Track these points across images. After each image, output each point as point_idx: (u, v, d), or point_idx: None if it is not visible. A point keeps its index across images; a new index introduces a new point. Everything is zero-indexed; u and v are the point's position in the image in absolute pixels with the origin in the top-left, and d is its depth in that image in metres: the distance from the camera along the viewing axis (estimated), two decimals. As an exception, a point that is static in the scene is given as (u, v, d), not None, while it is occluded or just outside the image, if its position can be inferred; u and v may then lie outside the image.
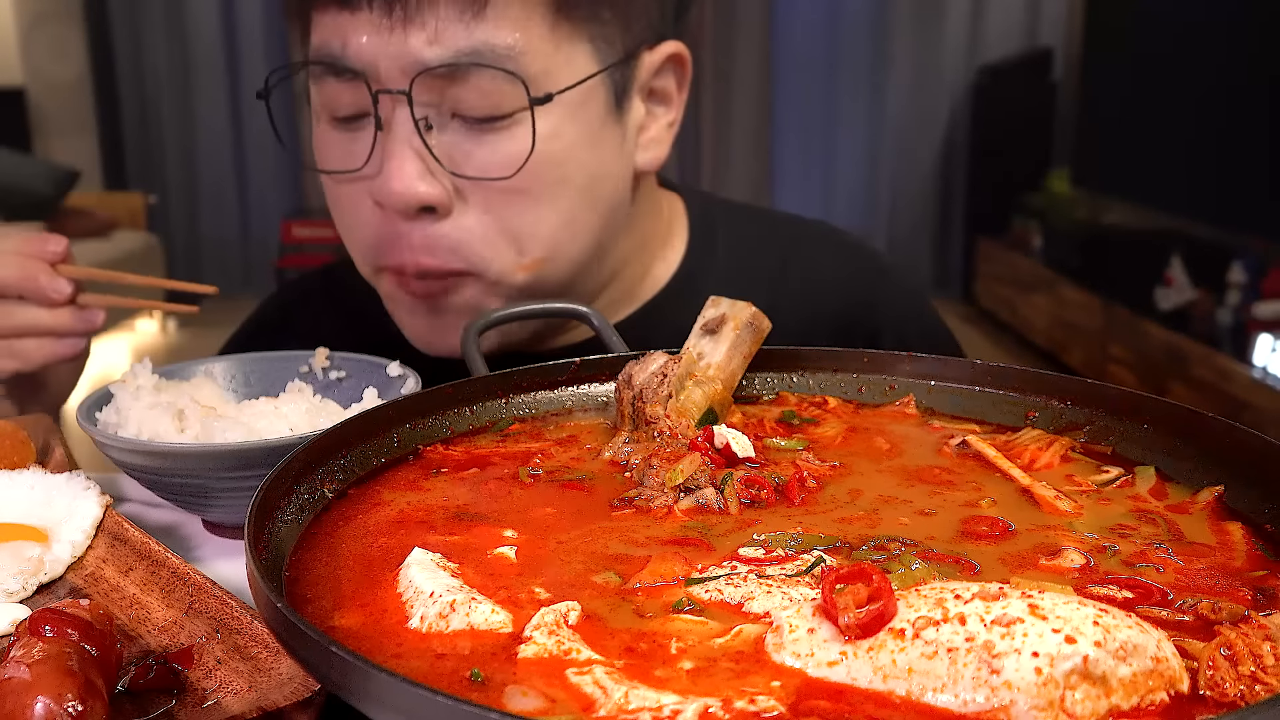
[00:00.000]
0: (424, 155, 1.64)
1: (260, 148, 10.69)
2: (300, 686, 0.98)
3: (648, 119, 1.83)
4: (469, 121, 1.64)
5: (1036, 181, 9.47)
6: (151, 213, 10.06)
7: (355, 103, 1.66)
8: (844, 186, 10.35)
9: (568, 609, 0.91)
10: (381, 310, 1.86)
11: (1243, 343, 6.24)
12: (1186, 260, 6.94)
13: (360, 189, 1.70)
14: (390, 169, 1.63)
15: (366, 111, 1.66)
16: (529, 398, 1.45)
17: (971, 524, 1.10)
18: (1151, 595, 0.94)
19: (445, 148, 1.65)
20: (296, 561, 1.04)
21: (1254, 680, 0.82)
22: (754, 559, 1.02)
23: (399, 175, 1.62)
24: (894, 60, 10.23)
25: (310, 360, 1.69)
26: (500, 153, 1.64)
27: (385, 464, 1.27)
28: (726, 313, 1.43)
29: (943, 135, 10.32)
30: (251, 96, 10.43)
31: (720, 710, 0.77)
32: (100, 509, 1.35)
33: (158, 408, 1.47)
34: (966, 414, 1.41)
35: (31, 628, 0.97)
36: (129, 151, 10.71)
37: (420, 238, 1.68)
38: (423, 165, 1.64)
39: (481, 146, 1.64)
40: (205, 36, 10.44)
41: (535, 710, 0.79)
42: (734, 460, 1.23)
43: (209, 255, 10.88)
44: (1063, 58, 9.86)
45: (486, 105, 1.62)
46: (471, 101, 1.62)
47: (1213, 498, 1.14)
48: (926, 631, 0.81)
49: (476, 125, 1.64)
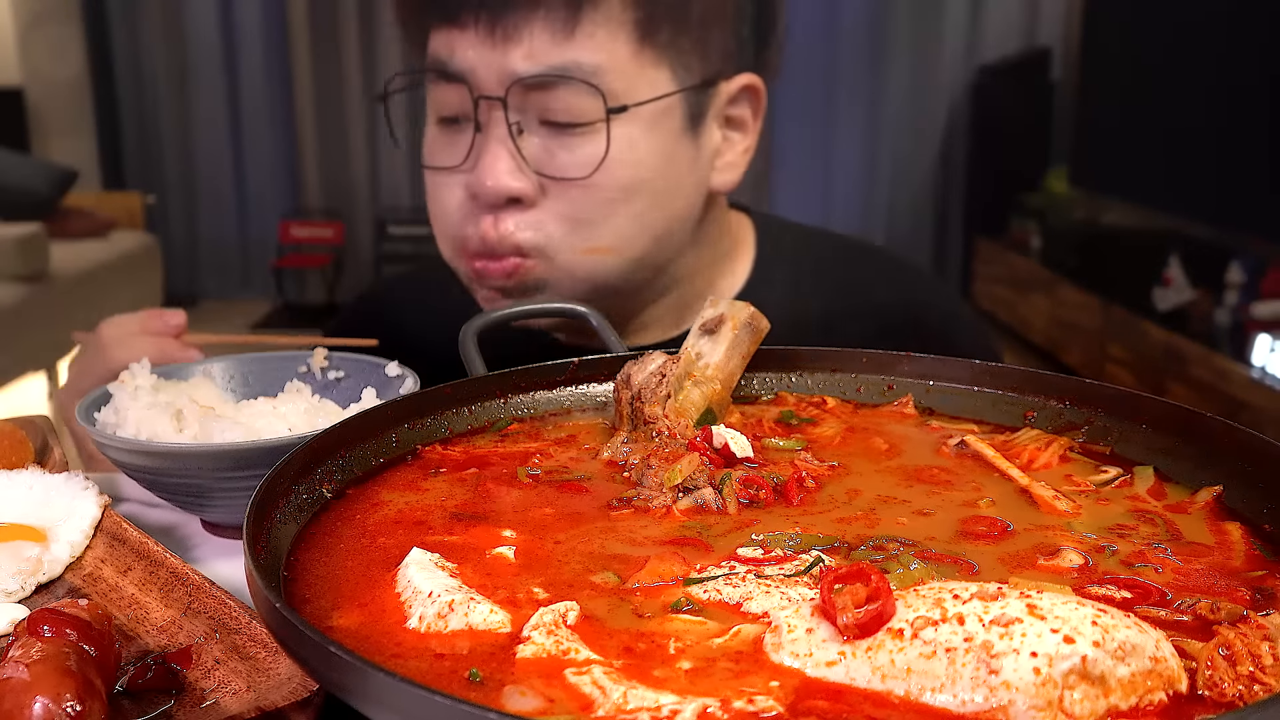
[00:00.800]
0: (514, 154, 1.84)
1: (258, 148, 10.68)
2: (299, 687, 0.98)
3: (724, 144, 2.03)
4: (554, 127, 1.84)
5: (1035, 181, 9.46)
6: (150, 213, 10.05)
7: (458, 105, 1.88)
8: (842, 186, 10.34)
9: (566, 609, 0.91)
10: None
11: (1241, 343, 6.23)
12: (1185, 260, 6.94)
13: (456, 182, 1.91)
14: (485, 164, 1.84)
15: (467, 114, 1.87)
16: (527, 398, 1.45)
17: (970, 524, 1.10)
18: (1150, 595, 0.95)
19: (533, 149, 1.85)
20: (295, 561, 1.04)
21: (1252, 680, 0.82)
22: (752, 559, 1.02)
23: (492, 171, 1.83)
24: (892, 60, 10.22)
25: (308, 360, 1.69)
26: (579, 155, 1.84)
27: (384, 464, 1.27)
28: (725, 313, 1.43)
29: (941, 135, 10.31)
30: (250, 97, 10.47)
31: (719, 710, 0.77)
32: (99, 509, 1.35)
33: (156, 407, 1.47)
34: (965, 414, 1.42)
35: (30, 628, 0.97)
36: (127, 152, 10.69)
37: (507, 222, 1.87)
38: (513, 163, 1.84)
39: (563, 149, 1.84)
40: (204, 37, 10.42)
41: (534, 710, 0.79)
42: (732, 460, 1.23)
43: (207, 255, 10.87)
44: (1061, 58, 9.84)
45: (569, 113, 1.83)
46: (557, 109, 1.83)
47: (1211, 498, 1.14)
48: (925, 631, 0.81)
49: (560, 130, 1.84)
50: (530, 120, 1.85)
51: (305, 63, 10.39)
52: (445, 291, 2.09)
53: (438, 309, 2.12)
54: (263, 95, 10.54)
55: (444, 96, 1.90)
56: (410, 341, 1.79)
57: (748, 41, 2.03)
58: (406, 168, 10.57)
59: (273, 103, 10.54)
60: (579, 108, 1.82)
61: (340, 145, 10.59)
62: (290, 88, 10.49)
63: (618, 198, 1.87)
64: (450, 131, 1.92)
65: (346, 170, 10.63)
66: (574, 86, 1.81)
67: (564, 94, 1.82)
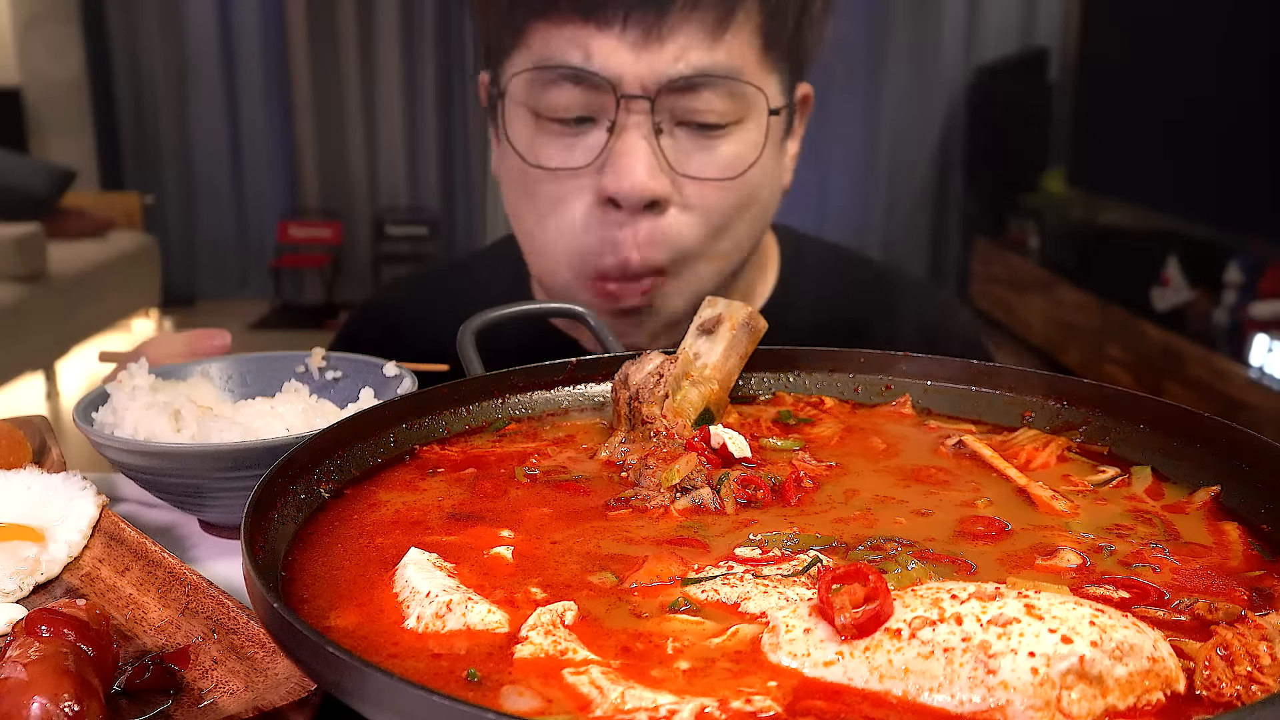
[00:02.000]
0: (656, 155, 1.86)
1: (256, 148, 10.68)
2: (296, 686, 0.98)
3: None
4: (692, 128, 1.87)
5: (1033, 182, 9.45)
6: (148, 213, 10.05)
7: (585, 105, 1.88)
8: (840, 186, 10.32)
9: (564, 609, 0.91)
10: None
11: (1239, 343, 6.23)
12: (1183, 260, 6.93)
13: (577, 188, 1.91)
14: (624, 166, 1.85)
15: (596, 114, 1.87)
16: (525, 398, 1.45)
17: (968, 524, 1.10)
18: (1148, 595, 0.95)
19: (671, 150, 1.87)
20: (293, 561, 1.04)
21: (1250, 680, 0.82)
22: (750, 559, 1.02)
23: (631, 172, 1.84)
24: (889, 60, 10.20)
25: (306, 360, 1.69)
26: (718, 156, 1.89)
27: (381, 464, 1.27)
28: (723, 313, 1.43)
29: (938, 135, 10.29)
30: (248, 97, 10.47)
31: (716, 710, 0.77)
32: (96, 509, 1.35)
33: (154, 408, 1.47)
34: (963, 414, 1.42)
35: (28, 628, 0.97)
36: (125, 151, 10.68)
37: (644, 232, 1.88)
38: (653, 164, 1.85)
39: (701, 150, 1.88)
40: (202, 36, 10.41)
41: (532, 710, 0.79)
42: (730, 460, 1.23)
43: (205, 255, 10.86)
44: (1059, 58, 9.84)
45: (712, 115, 1.87)
46: (700, 110, 1.86)
47: (1209, 498, 1.14)
48: (923, 631, 0.81)
49: (699, 132, 1.88)
50: (669, 122, 1.86)
51: (303, 63, 10.39)
52: (450, 296, 2.09)
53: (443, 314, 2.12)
54: (261, 95, 10.54)
55: (565, 98, 1.89)
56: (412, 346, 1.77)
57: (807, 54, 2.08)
58: (404, 168, 10.57)
59: (271, 103, 10.54)
60: (721, 110, 1.86)
61: (338, 145, 10.59)
62: (288, 88, 10.49)
63: (746, 201, 1.92)
64: (568, 133, 1.91)
65: (344, 170, 10.63)
66: (720, 88, 1.84)
67: (709, 96, 1.85)
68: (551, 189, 1.93)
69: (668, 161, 1.86)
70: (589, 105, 1.87)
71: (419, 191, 10.67)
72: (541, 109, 1.92)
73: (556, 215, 1.94)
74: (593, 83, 1.85)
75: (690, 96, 1.84)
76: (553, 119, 1.91)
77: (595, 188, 1.88)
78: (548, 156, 1.93)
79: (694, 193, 1.88)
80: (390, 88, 10.47)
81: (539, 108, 1.93)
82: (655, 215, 1.87)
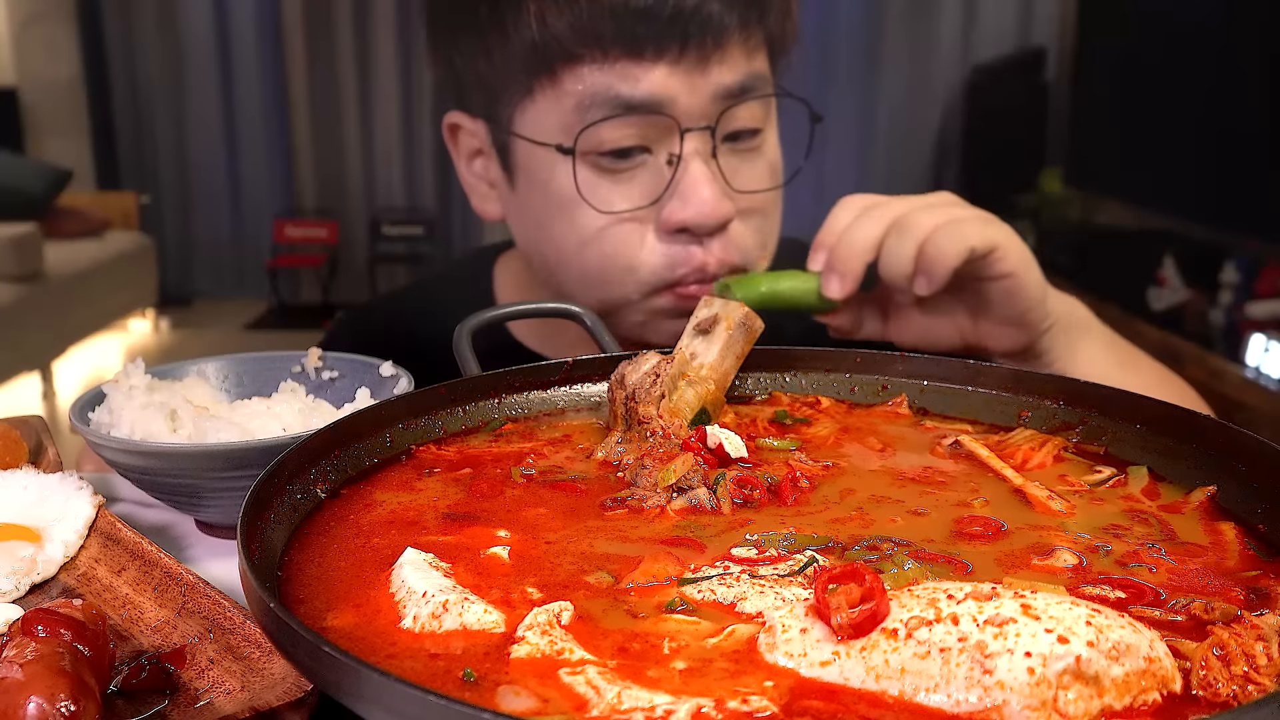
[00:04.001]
0: (718, 178, 1.85)
1: (252, 148, 10.69)
2: (293, 687, 0.98)
3: None
4: (733, 143, 1.87)
5: (1029, 181, 9.47)
6: (144, 213, 10.05)
7: (638, 137, 1.84)
8: (836, 186, 10.34)
9: (560, 609, 0.91)
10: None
11: (1235, 342, 6.24)
12: (1179, 260, 6.94)
13: (639, 224, 1.88)
14: (696, 196, 1.82)
15: (648, 145, 1.84)
16: (521, 398, 1.45)
17: (964, 524, 1.10)
18: (1144, 595, 0.95)
19: (725, 169, 1.86)
20: (289, 562, 1.04)
21: (1246, 680, 0.82)
22: (747, 559, 1.02)
23: (703, 199, 1.82)
24: (887, 60, 10.23)
25: (303, 360, 1.69)
26: (758, 167, 1.90)
27: (378, 464, 1.26)
28: (719, 313, 1.43)
29: (935, 135, 10.31)
30: (244, 97, 10.47)
31: (713, 710, 0.77)
32: (93, 509, 1.35)
33: (150, 408, 1.47)
34: (959, 414, 1.42)
35: (24, 628, 0.97)
36: (121, 151, 10.69)
37: (715, 245, 1.87)
38: (718, 187, 1.84)
39: (745, 164, 1.89)
40: (198, 37, 10.42)
41: (528, 710, 0.79)
42: (727, 460, 1.23)
43: (201, 255, 10.87)
44: (1056, 57, 9.86)
45: (753, 124, 1.87)
46: (744, 123, 1.86)
47: (1205, 497, 1.14)
48: (919, 632, 0.81)
49: (739, 145, 1.88)
50: (717, 141, 1.85)
51: (300, 63, 10.40)
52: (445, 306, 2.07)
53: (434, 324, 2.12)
54: (257, 95, 10.55)
55: (617, 131, 1.83)
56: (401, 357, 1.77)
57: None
58: (401, 168, 10.58)
59: (267, 103, 10.55)
60: (759, 119, 1.88)
61: (335, 145, 10.60)
62: (285, 88, 10.50)
63: (776, 202, 1.94)
64: (614, 169, 1.86)
65: (341, 170, 10.64)
66: (756, 98, 1.84)
67: (752, 107, 1.86)
68: (599, 219, 1.88)
69: (726, 181, 1.85)
70: (640, 136, 1.84)
71: (415, 191, 10.69)
72: (589, 146, 1.86)
73: (621, 256, 1.90)
74: (646, 114, 1.82)
75: (737, 110, 1.84)
76: (601, 154, 1.85)
77: (656, 217, 1.86)
78: (602, 200, 1.87)
79: (745, 206, 1.89)
80: (386, 88, 10.49)
81: (584, 146, 1.86)
82: (723, 233, 1.87)
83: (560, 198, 1.90)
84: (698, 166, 1.82)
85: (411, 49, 10.17)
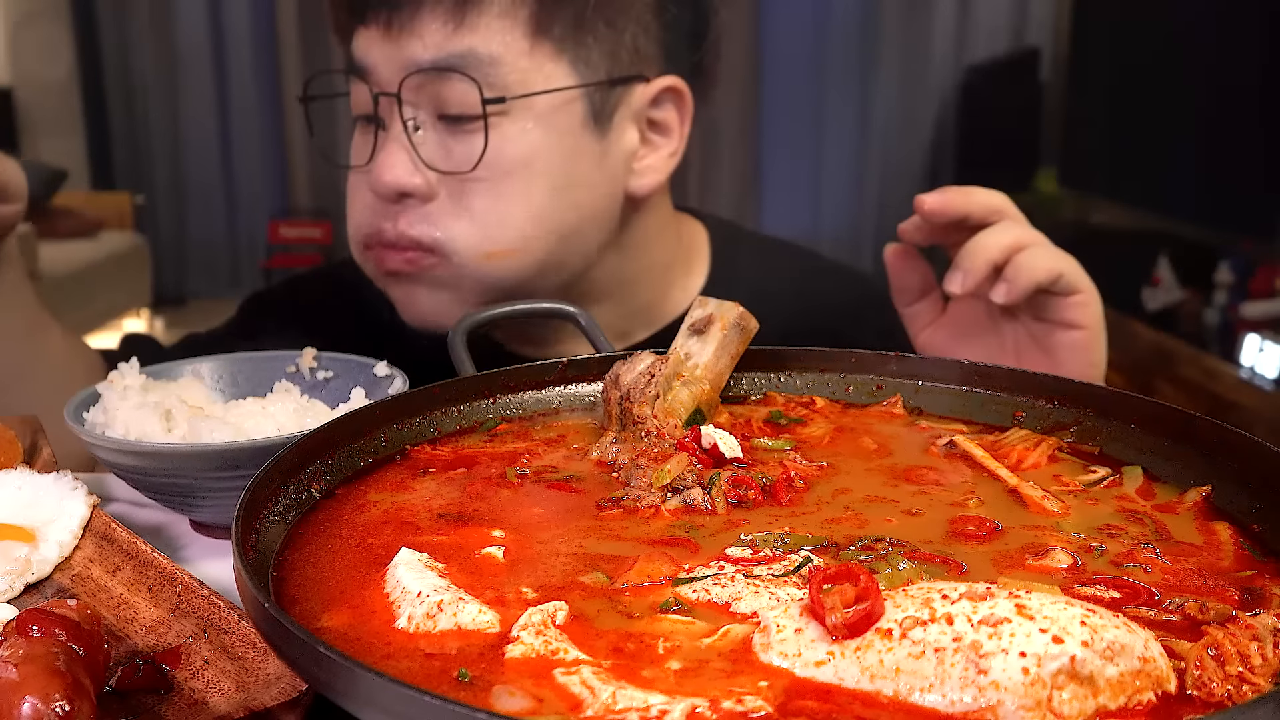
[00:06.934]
0: (409, 150, 1.85)
1: (247, 148, 10.67)
2: (288, 686, 0.98)
3: (645, 147, 2.00)
4: (449, 121, 1.85)
5: (1024, 182, 9.47)
6: (138, 213, 10.03)
7: (365, 103, 1.90)
8: (831, 187, 10.33)
9: (555, 609, 0.91)
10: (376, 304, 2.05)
11: (1230, 342, 6.24)
12: (1174, 260, 6.94)
13: (362, 181, 1.93)
14: (382, 161, 1.86)
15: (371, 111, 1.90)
16: (516, 398, 1.45)
17: (959, 524, 1.10)
18: (1139, 595, 0.95)
19: (430, 145, 1.86)
20: (284, 562, 1.04)
21: (1241, 680, 0.82)
22: (741, 559, 1.02)
23: (389, 168, 1.85)
24: (881, 60, 10.22)
25: (298, 360, 1.69)
26: (472, 149, 1.84)
27: (372, 464, 1.27)
28: (714, 313, 1.43)
29: (930, 135, 10.31)
30: (239, 97, 10.45)
31: (708, 710, 0.77)
32: (87, 509, 1.35)
33: (145, 408, 1.47)
34: (954, 414, 1.42)
35: (19, 628, 0.97)
36: (116, 152, 10.66)
37: (404, 216, 1.89)
38: (408, 159, 1.85)
39: (458, 144, 1.85)
40: (192, 37, 10.40)
41: (523, 710, 0.79)
42: (721, 460, 1.23)
43: (196, 255, 10.85)
44: (1050, 58, 9.86)
45: (461, 105, 1.83)
46: (450, 101, 1.83)
47: (1200, 497, 1.15)
48: (914, 631, 0.81)
49: (453, 125, 1.85)
50: (428, 116, 1.86)
51: (294, 63, 10.37)
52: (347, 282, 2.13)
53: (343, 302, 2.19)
54: (251, 95, 10.53)
55: (355, 95, 1.94)
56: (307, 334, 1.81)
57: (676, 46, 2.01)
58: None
59: (261, 103, 10.52)
60: (470, 100, 1.82)
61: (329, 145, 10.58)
62: (279, 88, 10.47)
63: (509, 192, 1.86)
64: (363, 131, 1.95)
65: (334, 171, 10.60)
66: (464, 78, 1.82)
67: (458, 86, 1.82)
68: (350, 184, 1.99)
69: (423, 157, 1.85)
70: (366, 103, 1.90)
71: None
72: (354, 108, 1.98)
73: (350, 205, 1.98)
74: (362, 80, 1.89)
75: (439, 88, 1.83)
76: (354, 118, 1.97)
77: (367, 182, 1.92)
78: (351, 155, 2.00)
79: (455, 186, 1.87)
80: (381, 88, 10.44)
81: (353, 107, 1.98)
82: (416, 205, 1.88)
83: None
84: (390, 137, 1.87)
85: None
